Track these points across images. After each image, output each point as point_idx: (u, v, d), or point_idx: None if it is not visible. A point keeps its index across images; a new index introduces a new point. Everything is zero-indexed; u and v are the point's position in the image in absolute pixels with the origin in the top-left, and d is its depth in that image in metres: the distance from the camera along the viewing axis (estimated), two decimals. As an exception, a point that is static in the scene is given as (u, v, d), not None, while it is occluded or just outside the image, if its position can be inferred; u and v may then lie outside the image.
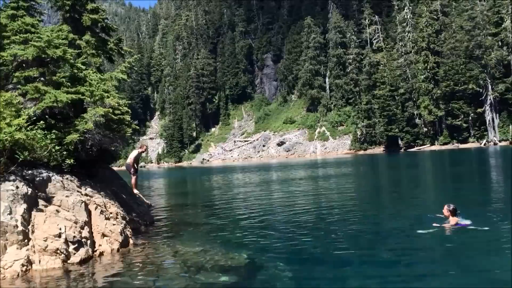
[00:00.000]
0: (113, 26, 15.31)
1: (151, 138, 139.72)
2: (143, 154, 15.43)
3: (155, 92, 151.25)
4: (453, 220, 10.65)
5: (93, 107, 11.20)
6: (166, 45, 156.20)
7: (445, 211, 10.90)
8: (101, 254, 9.66)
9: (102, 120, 11.04)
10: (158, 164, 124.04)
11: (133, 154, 15.82)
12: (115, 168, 19.47)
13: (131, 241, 10.69)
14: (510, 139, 70.15)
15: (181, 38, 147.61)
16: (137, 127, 15.85)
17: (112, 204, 11.22)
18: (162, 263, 9.01)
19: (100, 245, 9.84)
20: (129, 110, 12.88)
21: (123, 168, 16.80)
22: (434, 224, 10.71)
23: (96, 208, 10.26)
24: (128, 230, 10.89)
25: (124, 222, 10.93)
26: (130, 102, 16.28)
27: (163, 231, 12.89)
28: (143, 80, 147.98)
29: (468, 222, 10.55)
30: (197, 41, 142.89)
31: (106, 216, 10.39)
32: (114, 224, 10.39)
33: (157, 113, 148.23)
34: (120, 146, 13.18)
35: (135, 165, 15.73)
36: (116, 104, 11.75)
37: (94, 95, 11.15)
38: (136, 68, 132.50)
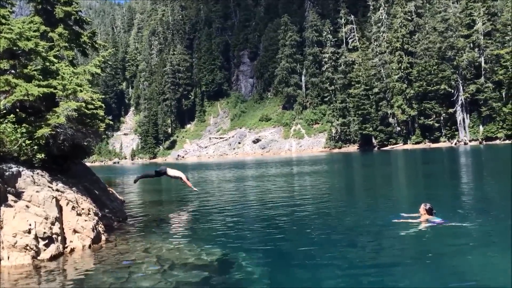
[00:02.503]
0: (87, 19, 15.07)
1: (125, 134, 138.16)
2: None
3: (130, 87, 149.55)
4: (428, 218, 10.84)
5: (66, 101, 11.00)
6: (142, 40, 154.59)
7: (422, 209, 11.10)
8: (72, 250, 9.51)
9: (74, 115, 10.85)
10: (132, 160, 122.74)
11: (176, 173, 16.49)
12: (88, 164, 19.19)
13: (103, 238, 10.55)
14: (480, 139, 71.87)
15: (157, 33, 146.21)
16: (111, 122, 15.68)
17: (84, 200, 11.06)
18: (135, 260, 8.91)
19: (71, 241, 9.68)
20: (103, 105, 12.71)
21: (96, 163, 16.64)
22: (405, 217, 10.99)
23: (67, 203, 10.09)
24: (100, 226, 10.75)
25: (96, 218, 10.78)
26: (104, 97, 16.06)
27: (136, 227, 12.76)
28: (118, 75, 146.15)
29: (440, 220, 10.76)
30: (173, 37, 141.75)
31: (78, 212, 10.23)
32: (86, 220, 10.24)
33: (132, 108, 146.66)
34: (93, 141, 12.99)
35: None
36: (90, 99, 11.57)
37: (67, 89, 10.95)
38: (110, 63, 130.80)
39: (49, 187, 10.21)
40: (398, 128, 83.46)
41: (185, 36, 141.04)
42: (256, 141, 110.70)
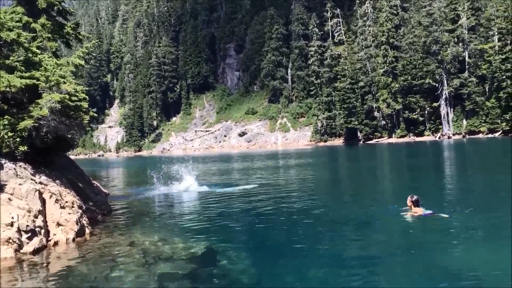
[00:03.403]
0: (70, 9, 14.84)
1: (110, 127, 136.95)
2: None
3: (115, 80, 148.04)
4: (415, 210, 10.98)
5: (49, 93, 10.86)
6: (127, 32, 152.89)
7: (408, 201, 11.23)
8: (56, 243, 9.44)
9: (58, 107, 10.73)
10: (117, 152, 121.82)
11: None
12: (72, 157, 19.00)
13: (87, 231, 10.49)
14: (463, 133, 72.73)
15: (142, 25, 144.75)
16: (95, 115, 15.53)
17: (68, 192, 10.97)
18: (119, 253, 8.89)
19: (54, 234, 9.61)
20: (87, 97, 12.57)
21: (81, 156, 16.53)
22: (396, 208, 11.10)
23: (51, 196, 10.00)
24: (84, 220, 10.68)
25: (80, 211, 10.70)
26: (88, 89, 15.91)
27: (120, 220, 12.71)
28: (102, 67, 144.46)
29: (429, 211, 10.89)
30: (159, 29, 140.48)
31: (62, 205, 10.14)
32: (69, 213, 10.16)
33: (117, 101, 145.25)
34: (77, 133, 12.86)
35: None
36: (73, 91, 11.44)
37: (50, 81, 10.81)
38: (94, 54, 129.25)
39: (32, 179, 10.10)
40: (383, 122, 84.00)
41: (170, 28, 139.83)
42: (242, 134, 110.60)
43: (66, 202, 10.42)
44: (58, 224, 9.77)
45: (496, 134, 66.91)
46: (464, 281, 6.54)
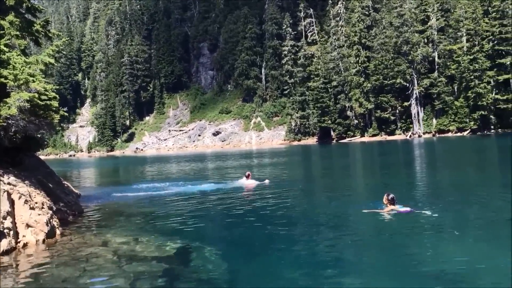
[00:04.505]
0: (39, 7, 14.54)
1: (81, 126, 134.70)
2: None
3: (86, 79, 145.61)
4: (391, 207, 11.15)
5: (17, 92, 10.64)
6: (98, 30, 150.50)
7: (384, 199, 11.40)
8: (25, 245, 9.27)
9: (26, 106, 10.53)
10: (89, 152, 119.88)
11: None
12: (42, 157, 18.64)
13: (58, 232, 10.32)
14: (433, 132, 74.29)
15: (114, 23, 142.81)
16: (66, 114, 15.28)
17: (38, 193, 10.77)
18: (91, 253, 8.78)
19: (24, 236, 9.43)
20: (57, 96, 12.37)
21: (51, 156, 16.24)
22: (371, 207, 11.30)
23: (20, 197, 9.81)
24: (55, 220, 10.50)
25: (50, 212, 10.52)
26: (58, 87, 15.63)
27: (92, 221, 12.55)
28: (73, 66, 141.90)
29: (404, 209, 11.07)
30: (131, 27, 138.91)
31: (31, 205, 9.95)
32: (39, 214, 9.98)
33: (88, 100, 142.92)
34: (47, 133, 12.65)
35: None
36: (43, 89, 11.24)
37: (18, 79, 10.59)
38: (65, 53, 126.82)
39: (0, 180, 9.88)
40: (356, 121, 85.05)
41: (143, 27, 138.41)
42: (216, 133, 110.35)
43: (36, 203, 10.23)
44: (28, 226, 9.58)
45: (465, 133, 68.61)
46: (435, 275, 6.69)
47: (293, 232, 10.20)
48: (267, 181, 19.99)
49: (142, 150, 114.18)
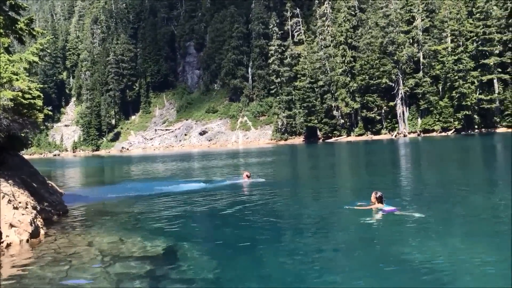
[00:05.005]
0: (23, 4, 14.35)
1: (66, 125, 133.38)
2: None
3: (71, 77, 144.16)
4: (378, 206, 11.20)
5: (0, 90, 10.50)
6: (83, 28, 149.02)
7: (372, 197, 11.45)
8: (9, 245, 9.15)
9: (10, 104, 10.40)
10: (74, 152, 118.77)
11: None
12: (26, 156, 18.42)
13: (42, 232, 10.22)
14: (418, 131, 74.99)
15: (99, 21, 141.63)
16: (50, 113, 15.14)
17: (22, 193, 10.65)
18: (75, 253, 8.70)
19: (7, 236, 9.31)
20: (41, 95, 12.24)
21: (35, 156, 16.08)
22: (358, 204, 11.35)
23: (3, 197, 9.69)
24: (39, 220, 10.39)
25: (34, 211, 10.41)
26: (42, 86, 15.47)
27: (77, 221, 12.44)
28: (58, 64, 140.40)
29: (391, 208, 11.14)
30: (117, 25, 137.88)
31: (15, 205, 9.84)
32: (23, 214, 9.86)
33: (73, 99, 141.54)
34: (31, 132, 12.50)
35: None
36: (27, 88, 11.11)
37: (2, 78, 10.45)
38: (49, 51, 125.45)
39: (-18, 180, 9.75)
40: (342, 121, 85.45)
41: (129, 25, 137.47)
42: (202, 133, 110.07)
43: (20, 202, 10.11)
44: (11, 226, 9.47)
45: (449, 133, 69.35)
46: (419, 273, 6.76)
47: (279, 231, 10.22)
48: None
49: (128, 149, 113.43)
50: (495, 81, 68.75)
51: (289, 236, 9.63)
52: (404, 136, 75.02)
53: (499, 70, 68.72)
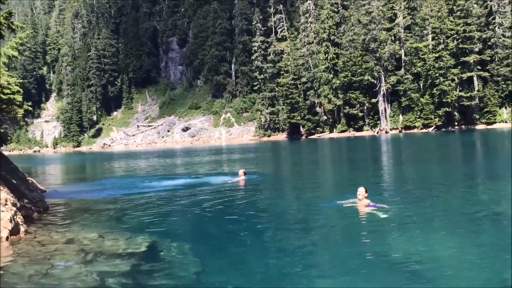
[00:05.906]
0: (2, -2, 14.07)
1: (46, 121, 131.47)
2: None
3: (52, 72, 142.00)
4: (363, 201, 11.28)
5: (-22, 85, 10.31)
6: (64, 23, 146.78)
7: (359, 193, 11.49)
8: (-12, 243, 9.00)
9: (-12, 100, 10.21)
10: (54, 148, 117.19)
11: None
12: (5, 153, 18.12)
13: (22, 229, 10.07)
14: (400, 128, 75.84)
15: (80, 16, 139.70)
16: (30, 108, 14.94)
17: (1, 189, 10.47)
18: (56, 251, 8.60)
19: (-14, 233, 9.16)
20: (21, 90, 12.06)
21: (15, 152, 15.83)
22: (347, 201, 11.41)
23: (-19, 194, 9.52)
24: (19, 217, 10.24)
25: (14, 209, 10.25)
26: (22, 81, 15.23)
27: (58, 218, 12.29)
28: (38, 59, 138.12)
29: (377, 204, 11.22)
30: (98, 20, 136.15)
31: (-6, 202, 9.67)
32: (2, 211, 9.71)
33: (54, 94, 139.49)
34: (10, 128, 12.31)
35: None
36: (6, 83, 10.93)
37: (-20, 72, 10.26)
38: (29, 45, 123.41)
39: (-40, 176, 9.57)
40: (325, 117, 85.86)
41: (110, 20, 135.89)
42: (185, 129, 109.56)
43: (-1, 199, 9.94)
44: (-10, 223, 9.31)
45: (430, 129, 70.30)
46: (402, 270, 6.85)
47: (263, 227, 10.25)
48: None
49: (109, 146, 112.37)
50: (474, 78, 69.88)
51: (272, 233, 9.66)
52: (386, 132, 75.78)
53: (479, 67, 69.89)
